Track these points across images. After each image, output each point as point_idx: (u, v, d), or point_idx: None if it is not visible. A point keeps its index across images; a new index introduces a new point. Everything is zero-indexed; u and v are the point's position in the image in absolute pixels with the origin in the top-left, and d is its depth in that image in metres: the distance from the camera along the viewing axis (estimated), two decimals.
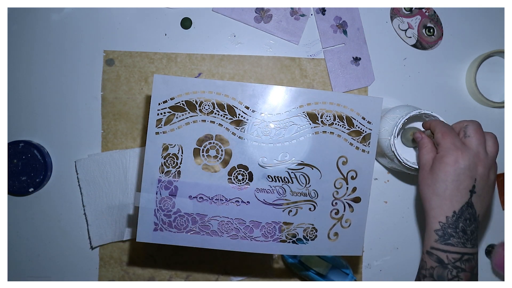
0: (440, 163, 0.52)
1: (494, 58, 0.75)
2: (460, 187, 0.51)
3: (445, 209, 0.52)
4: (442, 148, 0.53)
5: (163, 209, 0.55)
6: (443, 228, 0.51)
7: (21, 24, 0.73)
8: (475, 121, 0.55)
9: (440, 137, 0.54)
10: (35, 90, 0.73)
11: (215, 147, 0.55)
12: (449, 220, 0.51)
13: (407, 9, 0.75)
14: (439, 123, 0.56)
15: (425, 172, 0.54)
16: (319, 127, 0.56)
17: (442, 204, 0.52)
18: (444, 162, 0.52)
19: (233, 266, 0.73)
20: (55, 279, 0.73)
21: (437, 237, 0.52)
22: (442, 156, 0.52)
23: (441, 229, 0.52)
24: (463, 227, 0.51)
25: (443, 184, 0.52)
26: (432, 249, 0.52)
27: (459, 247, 0.51)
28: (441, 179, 0.52)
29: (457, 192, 0.51)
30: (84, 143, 0.73)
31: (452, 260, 0.51)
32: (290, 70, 0.74)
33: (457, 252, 0.51)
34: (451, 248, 0.51)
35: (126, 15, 0.73)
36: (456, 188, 0.51)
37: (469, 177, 0.52)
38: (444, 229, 0.51)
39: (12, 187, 0.70)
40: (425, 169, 0.55)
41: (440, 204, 0.52)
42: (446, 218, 0.52)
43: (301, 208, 0.56)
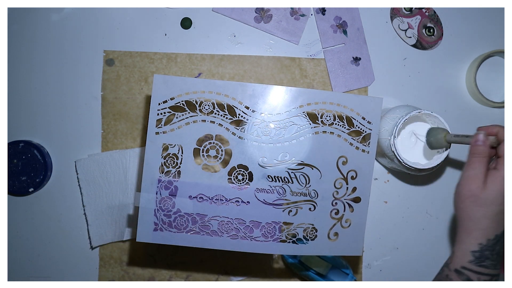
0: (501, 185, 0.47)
1: (494, 58, 0.75)
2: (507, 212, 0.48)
3: (490, 232, 0.48)
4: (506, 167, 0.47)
5: (163, 209, 0.55)
6: (481, 250, 0.48)
7: (21, 24, 0.73)
8: None
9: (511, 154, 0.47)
10: (35, 90, 0.73)
11: (215, 147, 0.55)
12: (489, 243, 0.48)
13: (407, 9, 0.75)
14: None
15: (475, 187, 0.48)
16: (319, 127, 0.56)
17: (489, 227, 0.48)
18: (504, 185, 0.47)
19: (233, 266, 0.73)
20: (55, 279, 0.73)
21: (472, 258, 0.49)
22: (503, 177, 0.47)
23: (479, 251, 0.48)
24: (499, 249, 0.48)
25: (497, 208, 0.47)
26: (463, 269, 0.49)
27: (491, 269, 0.49)
28: (498, 203, 0.47)
29: (503, 216, 0.48)
30: (84, 143, 0.73)
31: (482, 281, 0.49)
32: (290, 70, 0.74)
33: (488, 274, 0.49)
34: (484, 270, 0.48)
35: (126, 15, 0.73)
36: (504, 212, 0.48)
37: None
38: (482, 251, 0.48)
39: (12, 187, 0.70)
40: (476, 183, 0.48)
41: (487, 226, 0.48)
42: (487, 241, 0.48)
43: (301, 208, 0.56)
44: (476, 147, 0.50)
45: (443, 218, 0.75)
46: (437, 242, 0.75)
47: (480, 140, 0.50)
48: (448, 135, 0.58)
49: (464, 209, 0.49)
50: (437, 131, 0.60)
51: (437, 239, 0.75)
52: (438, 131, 0.60)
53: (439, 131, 0.60)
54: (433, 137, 0.60)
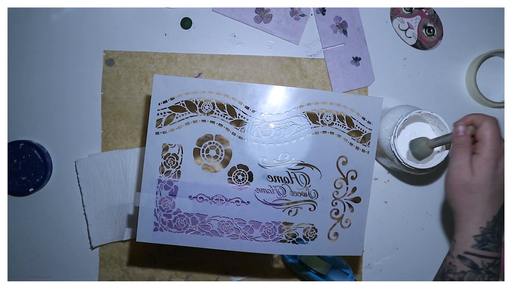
0: (487, 167, 0.49)
1: (494, 58, 0.75)
2: (501, 190, 0.50)
3: (487, 215, 0.50)
4: (487, 150, 0.49)
5: (163, 209, 0.55)
6: (483, 233, 0.50)
7: (21, 24, 0.73)
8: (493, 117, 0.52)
9: (489, 136, 0.50)
10: (35, 90, 0.73)
11: (215, 147, 0.55)
12: (489, 225, 0.50)
13: (407, 9, 0.75)
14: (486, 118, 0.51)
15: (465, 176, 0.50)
16: (319, 127, 0.56)
17: (485, 210, 0.50)
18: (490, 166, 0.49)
19: (233, 266, 0.73)
20: (55, 279, 0.73)
21: (475, 242, 0.50)
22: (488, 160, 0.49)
23: (481, 235, 0.50)
24: (498, 231, 0.50)
25: (490, 190, 0.49)
26: (467, 253, 0.50)
27: (493, 252, 0.50)
28: (488, 185, 0.49)
29: (499, 195, 0.50)
30: (84, 143, 0.73)
31: (486, 265, 0.50)
32: (290, 70, 0.74)
33: (492, 257, 0.50)
34: (487, 253, 0.50)
35: (126, 15, 0.73)
36: (499, 192, 0.50)
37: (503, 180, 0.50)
38: (484, 235, 0.50)
39: (12, 187, 0.70)
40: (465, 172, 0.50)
41: (484, 210, 0.50)
42: (487, 224, 0.50)
43: (301, 208, 0.56)
44: (458, 138, 0.52)
45: (443, 218, 0.75)
46: (437, 242, 0.75)
47: (460, 131, 0.53)
48: (430, 141, 0.60)
49: (459, 198, 0.51)
50: (418, 141, 0.62)
51: (437, 239, 0.75)
52: (419, 140, 0.62)
53: (419, 140, 0.62)
54: (416, 147, 0.62)
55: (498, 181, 0.50)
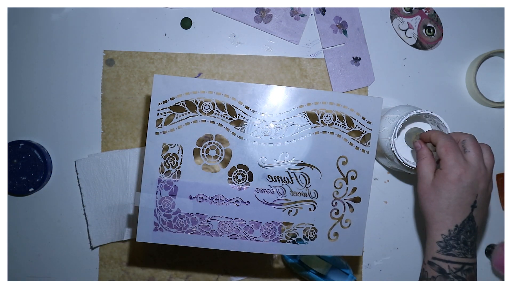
0: (443, 181, 0.52)
1: (494, 58, 0.75)
2: (463, 203, 0.52)
3: (448, 223, 0.52)
4: (445, 165, 0.52)
5: (163, 209, 0.55)
6: (445, 240, 0.52)
7: (21, 24, 0.73)
8: (471, 135, 0.55)
9: (443, 152, 0.53)
10: (35, 90, 0.73)
11: (215, 147, 0.55)
12: (451, 233, 0.52)
13: (407, 9, 0.75)
14: (440, 135, 0.55)
15: (425, 186, 0.54)
16: (319, 127, 0.56)
17: (445, 218, 0.53)
18: (448, 180, 0.52)
19: (233, 266, 0.73)
20: (55, 279, 0.73)
21: (439, 248, 0.53)
22: (446, 174, 0.52)
23: (443, 241, 0.52)
24: (464, 239, 0.52)
25: (446, 201, 0.52)
26: (434, 259, 0.53)
27: (460, 257, 0.52)
28: (445, 197, 0.52)
29: (459, 208, 0.52)
30: (84, 143, 0.73)
31: (453, 270, 0.52)
32: (290, 70, 0.74)
33: (458, 262, 0.52)
34: (452, 258, 0.52)
35: (126, 15, 0.73)
36: (458, 205, 0.52)
37: (472, 194, 0.52)
38: (446, 241, 0.52)
39: (12, 187, 0.70)
40: (425, 182, 0.54)
41: (443, 218, 0.53)
42: (449, 231, 0.52)
43: (301, 208, 0.56)
44: (419, 152, 0.56)
45: None
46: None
47: (418, 146, 0.57)
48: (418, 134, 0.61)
49: (422, 206, 0.55)
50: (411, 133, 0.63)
51: None
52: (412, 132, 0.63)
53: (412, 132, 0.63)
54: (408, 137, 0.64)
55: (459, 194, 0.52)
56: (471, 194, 0.52)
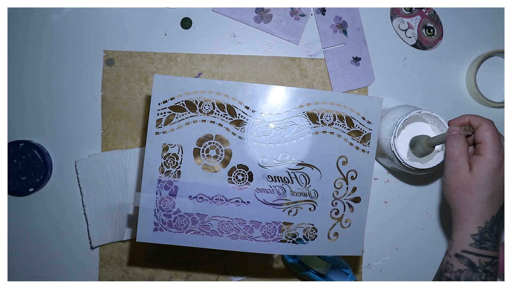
0: (489, 168, 0.49)
1: (494, 58, 0.75)
2: (501, 192, 0.50)
3: (486, 215, 0.50)
4: (490, 151, 0.49)
5: (163, 209, 0.55)
6: (481, 233, 0.50)
7: (21, 24, 0.73)
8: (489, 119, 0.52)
9: (489, 136, 0.50)
10: (35, 90, 0.73)
11: (215, 147, 0.55)
12: (487, 225, 0.50)
13: (407, 9, 0.75)
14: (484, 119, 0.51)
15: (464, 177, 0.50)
16: (319, 127, 0.56)
17: (484, 210, 0.50)
18: (493, 167, 0.49)
19: (233, 266, 0.73)
20: (55, 279, 0.73)
21: (473, 241, 0.50)
22: (491, 161, 0.49)
23: (479, 234, 0.50)
24: (497, 230, 0.50)
25: (489, 191, 0.49)
26: (464, 252, 0.51)
27: (491, 251, 0.50)
28: (489, 186, 0.49)
29: (498, 197, 0.50)
30: (84, 143, 0.73)
31: (483, 264, 0.50)
32: (290, 70, 0.74)
33: (489, 256, 0.50)
34: (484, 252, 0.50)
35: (126, 15, 0.73)
36: (498, 194, 0.50)
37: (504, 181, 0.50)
38: (482, 234, 0.50)
39: (12, 187, 0.70)
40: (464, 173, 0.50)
41: (482, 210, 0.50)
42: (485, 223, 0.50)
43: (301, 208, 0.56)
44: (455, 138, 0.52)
45: (443, 218, 0.75)
46: (437, 242, 0.75)
47: (455, 131, 0.52)
48: (428, 140, 0.60)
49: (458, 199, 0.51)
50: (418, 139, 0.62)
51: (437, 239, 0.75)
52: (419, 138, 0.62)
53: (420, 138, 0.62)
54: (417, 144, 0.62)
55: (498, 183, 0.50)
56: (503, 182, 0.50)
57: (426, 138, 0.61)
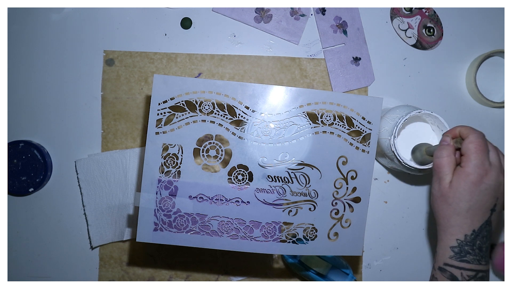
0: (465, 181, 0.49)
1: (494, 58, 0.75)
2: (483, 207, 0.49)
3: (465, 228, 0.49)
4: (469, 164, 0.49)
5: (163, 209, 0.55)
6: (460, 245, 0.49)
7: (21, 24, 0.73)
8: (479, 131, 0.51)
9: (471, 149, 0.49)
10: (35, 90, 0.73)
11: (215, 147, 0.55)
12: (467, 238, 0.49)
13: (407, 9, 0.75)
14: (472, 130, 0.51)
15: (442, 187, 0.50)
16: (319, 127, 0.56)
17: (462, 223, 0.49)
18: (470, 181, 0.48)
19: (233, 266, 0.73)
20: (55, 279, 0.73)
21: (452, 253, 0.50)
22: (469, 174, 0.48)
23: (458, 246, 0.49)
24: (480, 244, 0.49)
25: (466, 204, 0.49)
26: (446, 265, 0.50)
27: (474, 264, 0.49)
28: (465, 199, 0.49)
29: (479, 211, 0.49)
30: (84, 143, 0.73)
31: (466, 277, 0.49)
32: (290, 70, 0.74)
33: (472, 269, 0.49)
34: (466, 265, 0.49)
35: (126, 15, 0.73)
36: (479, 208, 0.49)
37: (493, 197, 0.49)
38: (461, 247, 0.49)
39: (12, 187, 0.70)
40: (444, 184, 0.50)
41: (460, 223, 0.49)
42: (465, 236, 0.49)
43: (301, 208, 0.56)
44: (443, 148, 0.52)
45: None
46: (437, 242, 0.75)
47: (445, 141, 0.52)
48: (427, 148, 0.59)
49: (437, 208, 0.51)
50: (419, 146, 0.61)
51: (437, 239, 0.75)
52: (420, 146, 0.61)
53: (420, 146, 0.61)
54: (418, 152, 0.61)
55: (477, 197, 0.49)
56: (492, 197, 0.49)
57: (427, 146, 0.60)
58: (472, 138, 0.50)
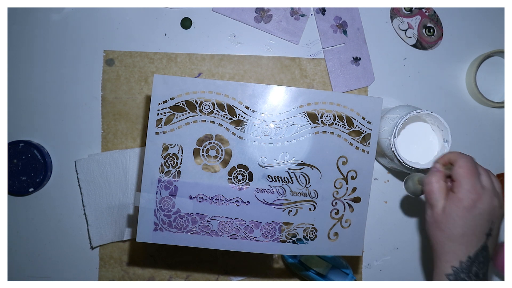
0: (457, 207, 0.48)
1: (494, 58, 0.75)
2: (477, 231, 0.48)
3: (460, 254, 0.48)
4: (461, 189, 0.48)
5: (163, 209, 0.55)
6: (455, 273, 0.48)
7: (21, 24, 0.73)
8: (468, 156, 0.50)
9: (461, 174, 0.48)
10: (35, 90, 0.73)
11: (215, 147, 0.55)
12: (463, 265, 0.48)
13: (407, 9, 0.75)
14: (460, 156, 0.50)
15: (435, 213, 0.50)
16: (319, 127, 0.56)
17: (456, 249, 0.48)
18: (463, 206, 0.48)
19: (233, 266, 0.73)
20: (55, 279, 0.73)
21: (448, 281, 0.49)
22: (461, 200, 0.48)
23: (453, 274, 0.48)
24: (476, 271, 0.48)
25: (460, 230, 0.48)
26: None
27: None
28: (459, 225, 0.48)
29: (473, 237, 0.48)
30: (84, 143, 0.73)
31: None
32: (290, 70, 0.74)
33: None
34: None
35: (126, 15, 0.73)
36: (473, 234, 0.48)
37: (487, 221, 0.48)
38: (457, 274, 0.48)
39: (12, 187, 0.70)
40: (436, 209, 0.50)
41: (455, 249, 0.48)
42: (460, 263, 0.48)
43: (301, 208, 0.56)
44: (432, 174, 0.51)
45: None
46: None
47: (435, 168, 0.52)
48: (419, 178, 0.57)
49: (431, 235, 0.51)
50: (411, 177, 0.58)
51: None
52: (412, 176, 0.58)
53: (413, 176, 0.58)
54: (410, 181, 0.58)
55: (474, 222, 0.48)
56: (487, 221, 0.48)
57: (419, 177, 0.57)
58: (461, 163, 0.49)
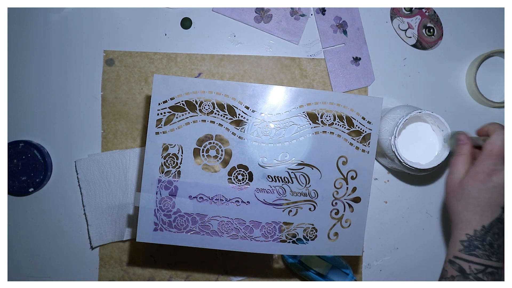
0: (474, 179, 0.50)
1: (494, 58, 0.75)
2: (493, 203, 0.50)
3: (474, 223, 0.50)
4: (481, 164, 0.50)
5: (163, 209, 0.55)
6: (469, 240, 0.50)
7: (21, 24, 0.73)
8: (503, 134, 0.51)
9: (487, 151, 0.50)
10: (35, 90, 0.73)
11: (215, 147, 0.55)
12: (477, 234, 0.50)
13: (407, 9, 0.75)
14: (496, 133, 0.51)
15: (453, 183, 0.52)
16: (319, 127, 0.56)
17: (471, 218, 0.51)
18: (478, 179, 0.50)
19: (233, 266, 0.73)
20: (55, 279, 0.73)
21: (462, 247, 0.51)
22: (477, 173, 0.50)
23: (467, 240, 0.50)
24: (491, 241, 0.50)
25: (474, 201, 0.50)
26: (455, 258, 0.51)
27: (483, 259, 0.50)
28: (473, 196, 0.50)
29: (488, 208, 0.50)
30: (84, 143, 0.73)
31: (474, 271, 0.50)
32: (290, 70, 0.74)
33: (480, 264, 0.50)
34: (474, 258, 0.50)
35: (126, 15, 0.73)
36: (487, 205, 0.50)
37: (502, 195, 0.50)
38: (471, 241, 0.50)
39: (12, 187, 0.70)
40: (454, 179, 0.52)
41: (470, 218, 0.51)
42: (474, 231, 0.50)
43: (301, 208, 0.56)
44: (459, 147, 0.54)
45: (443, 218, 0.75)
46: (437, 242, 0.75)
47: (463, 140, 0.54)
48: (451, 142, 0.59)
49: (448, 204, 0.53)
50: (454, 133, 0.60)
51: (437, 239, 0.75)
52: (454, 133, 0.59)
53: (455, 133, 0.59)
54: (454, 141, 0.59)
55: (488, 194, 0.50)
56: (501, 194, 0.50)
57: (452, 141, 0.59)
58: (493, 139, 0.51)
